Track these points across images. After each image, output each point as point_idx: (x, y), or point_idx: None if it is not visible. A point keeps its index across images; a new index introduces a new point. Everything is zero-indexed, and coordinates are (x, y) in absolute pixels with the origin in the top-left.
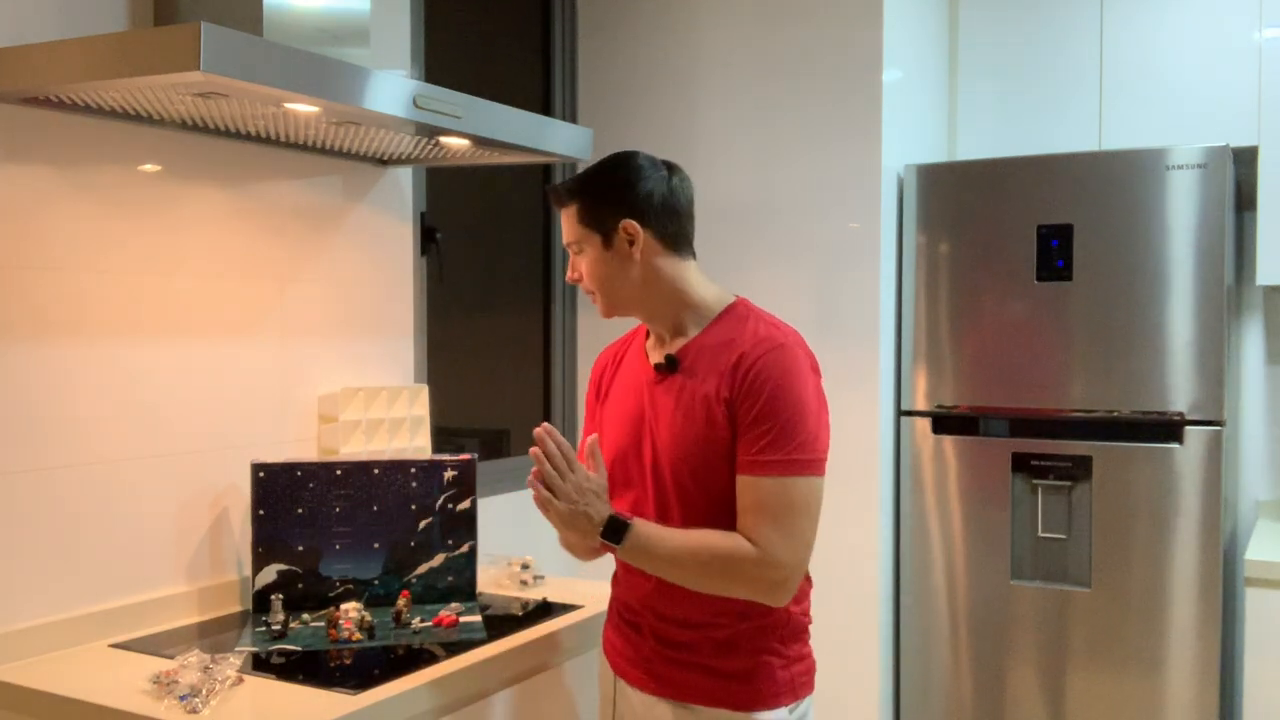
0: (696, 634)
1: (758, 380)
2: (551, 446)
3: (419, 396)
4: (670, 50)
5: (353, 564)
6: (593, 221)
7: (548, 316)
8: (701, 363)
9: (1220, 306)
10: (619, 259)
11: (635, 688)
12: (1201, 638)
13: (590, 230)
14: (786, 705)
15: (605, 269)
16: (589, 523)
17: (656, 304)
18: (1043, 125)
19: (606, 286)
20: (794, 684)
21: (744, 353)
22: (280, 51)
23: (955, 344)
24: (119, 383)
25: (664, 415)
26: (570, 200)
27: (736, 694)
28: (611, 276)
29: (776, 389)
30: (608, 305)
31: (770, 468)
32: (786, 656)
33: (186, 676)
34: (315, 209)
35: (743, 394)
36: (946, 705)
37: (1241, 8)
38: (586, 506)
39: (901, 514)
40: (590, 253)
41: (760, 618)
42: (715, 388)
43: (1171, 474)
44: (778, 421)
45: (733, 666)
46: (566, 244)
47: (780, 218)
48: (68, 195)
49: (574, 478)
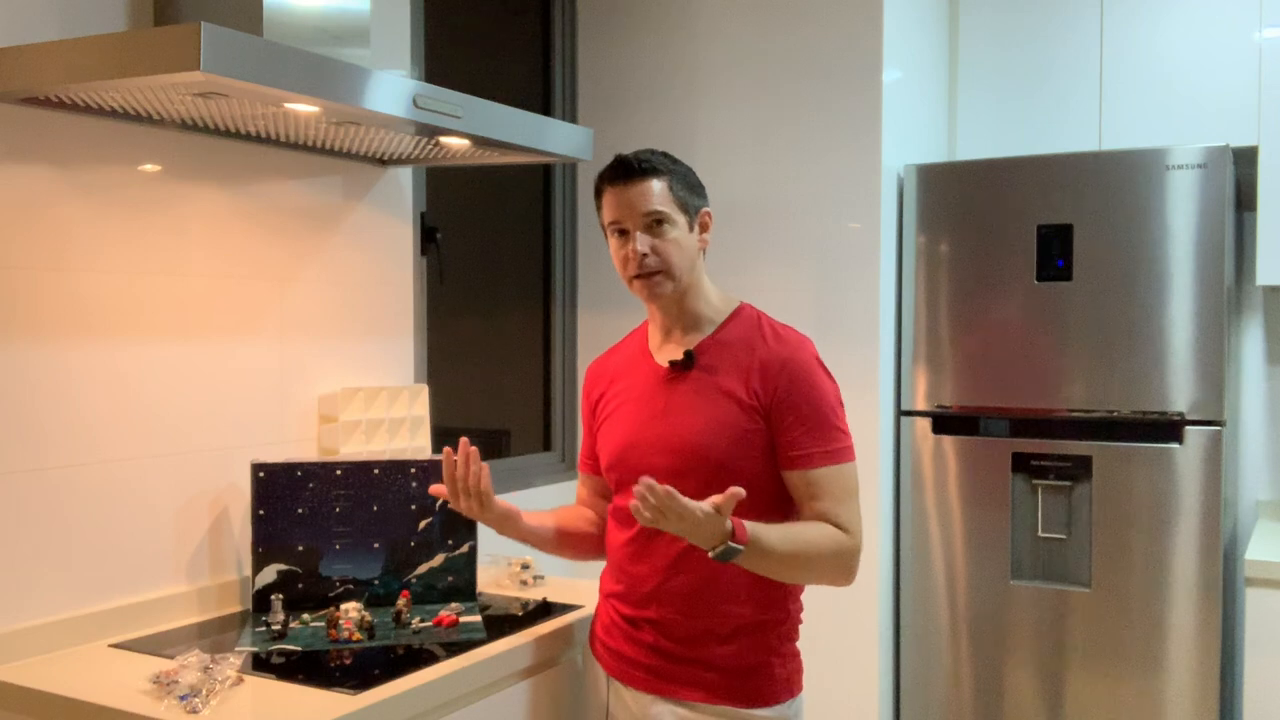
0: (701, 631)
1: (795, 378)
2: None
3: (419, 396)
4: (670, 50)
5: (353, 564)
6: (684, 201)
7: (548, 316)
8: (721, 360)
9: (1220, 306)
10: (694, 244)
11: (634, 688)
12: (1201, 638)
13: (679, 209)
14: (784, 701)
15: (686, 250)
16: (703, 539)
17: (691, 297)
18: (1043, 125)
19: (681, 267)
20: (790, 681)
21: (771, 352)
22: (280, 51)
23: (955, 344)
24: (119, 383)
25: (686, 407)
26: (664, 172)
27: (739, 690)
28: (688, 259)
29: (810, 385)
30: (676, 286)
31: (827, 458)
32: (783, 654)
33: (186, 676)
34: (315, 209)
35: (780, 391)
36: (946, 705)
37: (1241, 8)
38: (697, 528)
39: (901, 514)
40: (676, 231)
41: (765, 613)
42: (743, 384)
43: (1171, 474)
44: (820, 415)
45: (735, 663)
46: (646, 213)
47: (780, 218)
48: (68, 195)
49: (677, 505)
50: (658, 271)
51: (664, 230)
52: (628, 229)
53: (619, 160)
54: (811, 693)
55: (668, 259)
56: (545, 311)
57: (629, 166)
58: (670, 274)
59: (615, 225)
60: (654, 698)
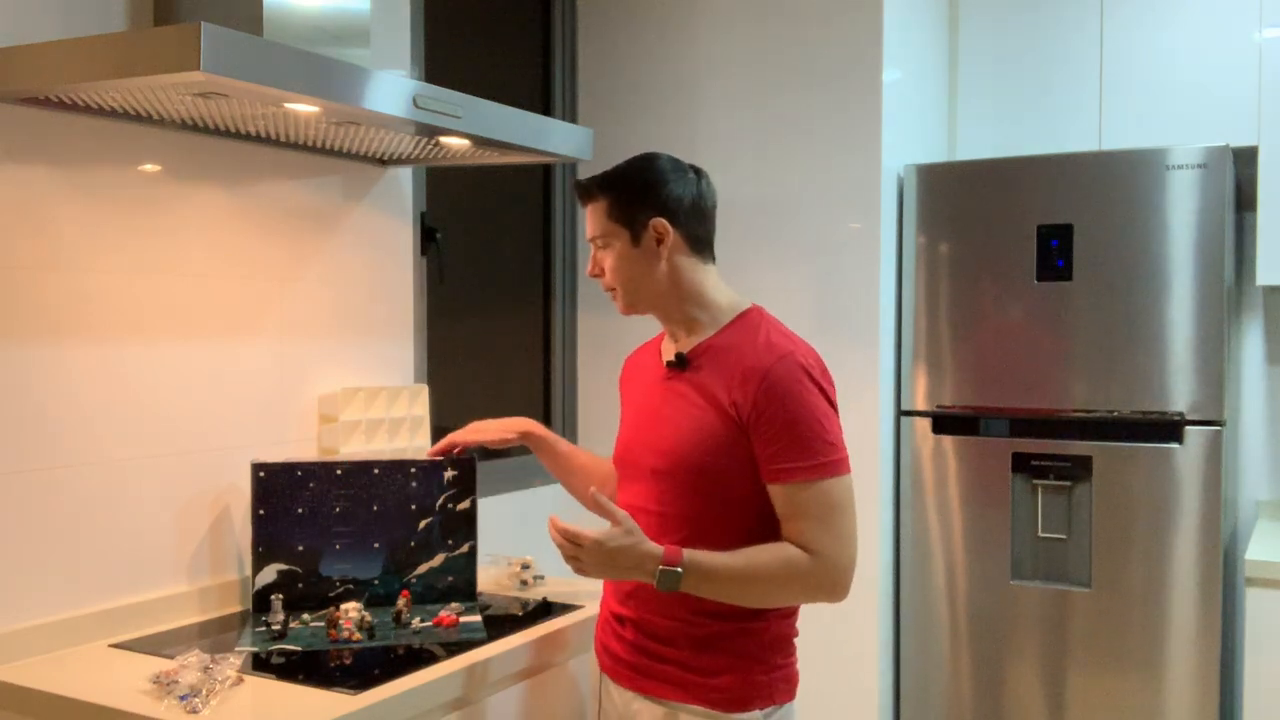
0: (676, 631)
1: (772, 390)
2: (556, 536)
3: (419, 396)
4: (670, 50)
5: (353, 564)
6: (622, 217)
7: (548, 316)
8: (710, 364)
9: (1220, 306)
10: (645, 256)
11: (619, 684)
12: (1201, 638)
13: (619, 225)
14: (761, 709)
15: (630, 266)
16: (641, 572)
17: (675, 304)
18: (1043, 125)
19: (629, 284)
20: (772, 689)
21: (754, 362)
22: (280, 51)
23: (955, 344)
24: (119, 383)
25: (675, 409)
26: (600, 195)
27: (712, 693)
28: (635, 274)
29: (790, 397)
30: (628, 303)
31: (803, 473)
32: (767, 663)
33: (186, 676)
34: (315, 209)
35: (757, 403)
36: (946, 705)
37: (1241, 8)
38: (624, 565)
39: (901, 514)
40: (617, 249)
41: (740, 621)
42: (724, 390)
43: (1171, 474)
44: (798, 429)
45: (710, 666)
46: (590, 238)
47: (780, 218)
48: (68, 195)
49: (590, 549)
50: (611, 288)
51: (607, 252)
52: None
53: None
54: (812, 693)
55: (615, 278)
56: (545, 311)
57: (578, 191)
58: (621, 289)
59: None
60: (635, 694)
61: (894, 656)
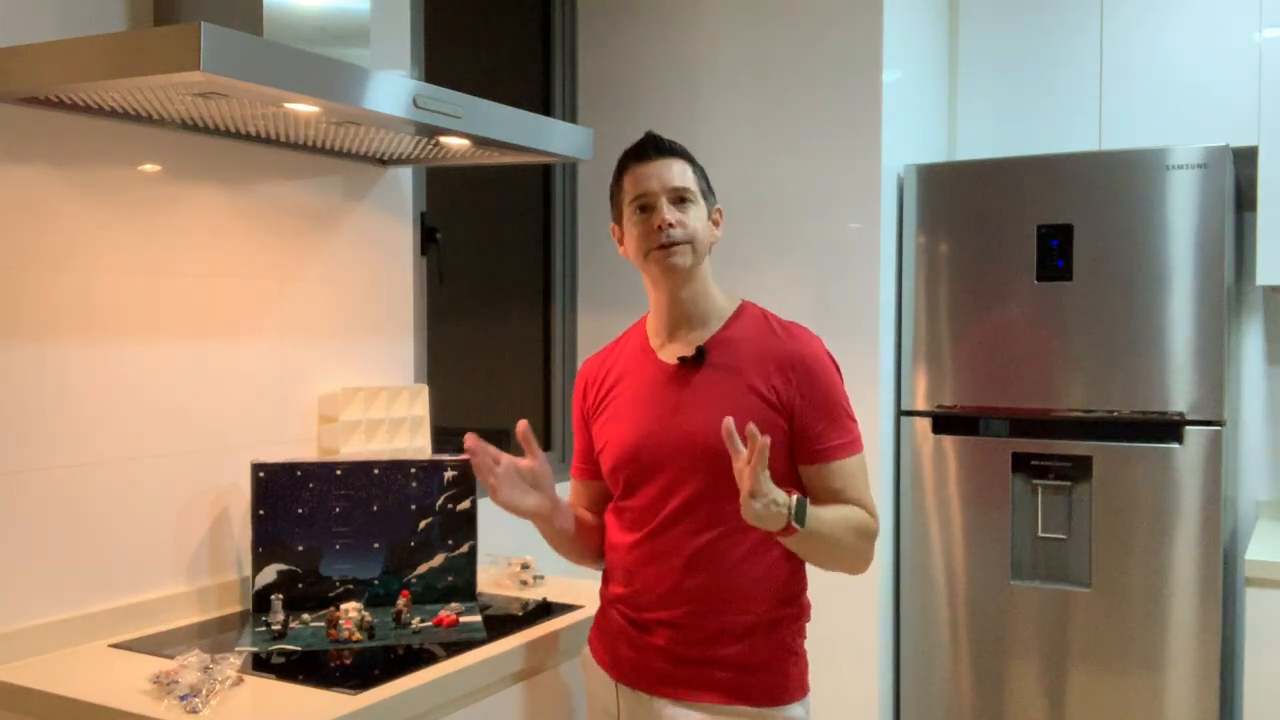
0: (717, 629)
1: (814, 373)
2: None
3: (419, 396)
4: (670, 50)
5: (353, 564)
6: (705, 189)
7: (548, 316)
8: (730, 355)
9: (1220, 306)
10: (710, 233)
11: (645, 693)
12: (1201, 638)
13: (701, 194)
14: (799, 700)
15: (707, 232)
16: (777, 502)
17: (700, 290)
18: (1043, 125)
19: (703, 243)
20: (803, 680)
21: (792, 348)
22: (280, 51)
23: (955, 344)
24: (119, 382)
25: (702, 404)
26: (685, 159)
27: (754, 689)
28: (706, 240)
29: (826, 378)
30: (695, 261)
31: (846, 449)
32: (796, 652)
33: (186, 676)
34: (315, 209)
35: (802, 386)
36: (946, 705)
37: (1241, 8)
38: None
39: (901, 514)
40: (699, 211)
41: (780, 609)
42: (759, 377)
43: (1171, 474)
44: (837, 408)
45: (748, 661)
46: (676, 188)
47: (780, 217)
48: (68, 195)
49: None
50: (682, 242)
51: (688, 207)
52: (653, 204)
53: (648, 136)
54: (812, 692)
55: (693, 232)
56: (545, 311)
57: (659, 143)
58: (694, 246)
59: (641, 200)
60: (667, 701)
61: (894, 656)
